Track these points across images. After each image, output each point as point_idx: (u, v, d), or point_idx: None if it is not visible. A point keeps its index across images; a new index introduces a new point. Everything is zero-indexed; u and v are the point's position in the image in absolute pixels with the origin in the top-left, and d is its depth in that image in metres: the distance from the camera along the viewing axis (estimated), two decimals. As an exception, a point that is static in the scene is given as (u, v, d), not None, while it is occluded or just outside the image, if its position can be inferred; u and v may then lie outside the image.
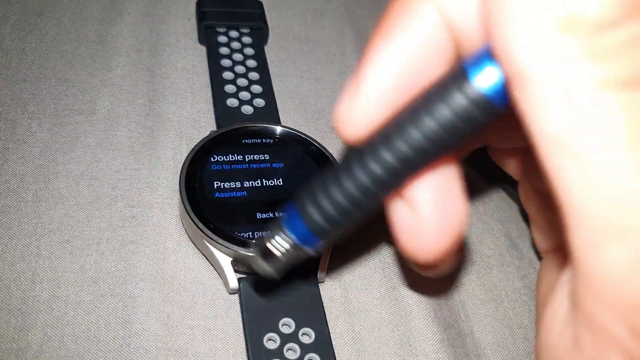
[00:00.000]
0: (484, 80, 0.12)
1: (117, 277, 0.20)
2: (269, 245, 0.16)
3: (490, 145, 0.19)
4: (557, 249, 0.19)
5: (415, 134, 0.12)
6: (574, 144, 0.10)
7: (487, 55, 0.12)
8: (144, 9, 0.30)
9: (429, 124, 0.12)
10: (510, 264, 0.25)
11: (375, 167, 0.13)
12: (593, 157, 0.10)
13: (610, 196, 0.10)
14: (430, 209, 0.14)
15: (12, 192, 0.22)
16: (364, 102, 0.14)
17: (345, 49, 0.32)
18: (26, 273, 0.20)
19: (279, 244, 0.15)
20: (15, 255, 0.20)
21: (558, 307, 0.14)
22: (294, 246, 0.15)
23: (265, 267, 0.16)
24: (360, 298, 0.22)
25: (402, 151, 0.13)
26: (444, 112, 0.12)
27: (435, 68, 0.13)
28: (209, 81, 0.27)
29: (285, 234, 0.15)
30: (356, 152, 0.14)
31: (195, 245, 0.22)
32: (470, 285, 0.23)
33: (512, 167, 0.20)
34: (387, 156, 0.13)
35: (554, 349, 0.13)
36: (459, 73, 0.12)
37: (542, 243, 0.19)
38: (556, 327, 0.13)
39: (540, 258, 0.23)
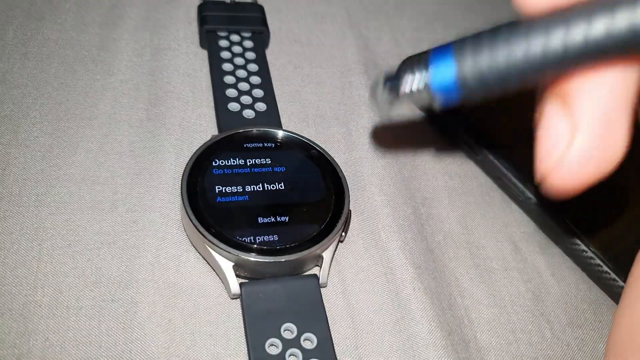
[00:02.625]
0: None
1: (119, 282, 0.20)
2: (402, 78, 0.14)
3: None
4: None
5: (609, 20, 0.11)
6: None
7: None
8: (145, 13, 0.30)
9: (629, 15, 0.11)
10: (513, 268, 0.25)
11: (556, 39, 0.12)
12: None
13: None
14: (593, 127, 0.12)
15: (14, 196, 0.22)
16: None
17: (346, 52, 0.32)
18: (28, 278, 0.20)
19: (413, 79, 0.13)
20: (16, 260, 0.20)
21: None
22: (425, 88, 0.13)
23: (383, 99, 0.14)
24: (362, 303, 0.21)
25: (590, 33, 0.11)
26: None
27: None
28: (210, 85, 0.27)
29: (424, 71, 0.13)
30: (540, 18, 0.12)
31: (196, 249, 0.22)
32: (474, 290, 0.23)
33: None
34: (574, 32, 0.11)
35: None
36: None
37: None
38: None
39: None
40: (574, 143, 0.12)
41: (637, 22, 0.11)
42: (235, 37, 0.29)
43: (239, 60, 0.28)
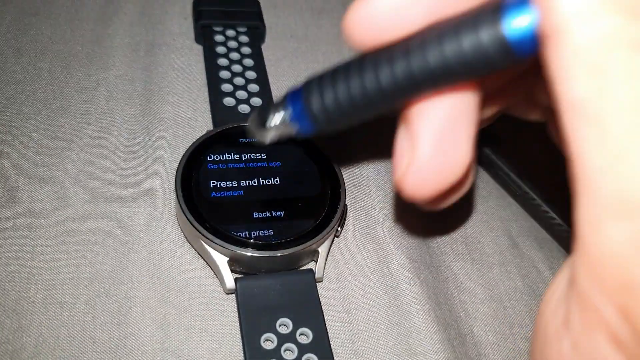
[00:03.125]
0: (515, 25, 0.11)
1: (113, 277, 0.20)
2: (269, 115, 0.16)
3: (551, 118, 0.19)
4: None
5: (431, 53, 0.12)
6: (597, 109, 0.10)
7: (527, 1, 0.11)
8: (140, 8, 0.30)
9: (448, 47, 0.12)
10: (510, 263, 0.24)
11: (384, 75, 0.13)
12: (614, 124, 0.10)
13: (624, 168, 0.10)
14: (428, 142, 0.14)
15: (7, 192, 0.22)
16: (385, 4, 0.13)
17: (343, 47, 0.31)
18: (21, 274, 0.20)
19: (276, 116, 0.16)
20: (10, 256, 0.20)
21: (557, 287, 0.14)
22: (286, 123, 0.16)
23: (255, 133, 0.17)
24: (358, 297, 0.21)
25: (414, 65, 0.13)
26: (465, 42, 0.12)
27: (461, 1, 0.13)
28: (205, 80, 0.27)
29: (284, 109, 0.16)
30: (371, 55, 0.14)
31: (191, 245, 0.21)
32: (470, 284, 0.23)
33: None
34: (399, 66, 0.13)
35: (545, 326, 0.13)
36: (493, 9, 0.12)
37: None
38: (551, 305, 0.13)
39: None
40: (414, 157, 0.14)
41: (445, 59, 0.12)
42: (230, 32, 0.29)
43: (235, 55, 0.28)
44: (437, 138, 0.14)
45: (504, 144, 0.27)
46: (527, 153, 0.27)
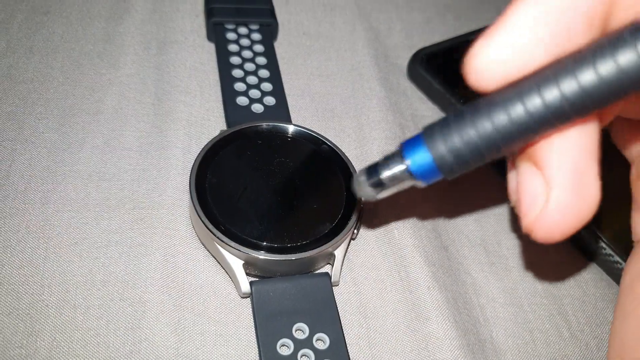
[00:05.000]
0: None
1: (126, 280, 0.20)
2: (381, 167, 0.15)
3: (617, 121, 0.18)
4: None
5: (569, 84, 0.12)
6: None
7: None
8: (152, 6, 0.30)
9: (588, 75, 0.12)
10: (530, 266, 0.24)
11: (516, 112, 0.13)
12: None
13: None
14: (565, 183, 0.13)
15: (19, 193, 0.21)
16: (505, 49, 0.13)
17: (356, 44, 0.31)
18: (34, 277, 0.19)
19: (392, 169, 0.15)
20: (23, 259, 0.20)
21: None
22: (404, 175, 0.15)
23: (365, 189, 0.16)
24: (375, 302, 0.21)
25: (548, 97, 0.12)
26: (608, 66, 0.12)
27: (577, 35, 0.13)
28: (218, 79, 0.27)
29: (401, 161, 0.15)
30: (498, 96, 0.13)
31: (205, 247, 0.21)
32: (489, 288, 0.23)
33: (633, 144, 0.18)
34: (532, 101, 0.13)
35: (634, 332, 0.13)
36: (631, 30, 0.12)
37: None
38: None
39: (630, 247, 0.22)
40: (550, 198, 0.14)
41: (581, 89, 0.12)
42: (243, 30, 0.28)
43: (247, 53, 0.27)
44: (573, 177, 0.13)
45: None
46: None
